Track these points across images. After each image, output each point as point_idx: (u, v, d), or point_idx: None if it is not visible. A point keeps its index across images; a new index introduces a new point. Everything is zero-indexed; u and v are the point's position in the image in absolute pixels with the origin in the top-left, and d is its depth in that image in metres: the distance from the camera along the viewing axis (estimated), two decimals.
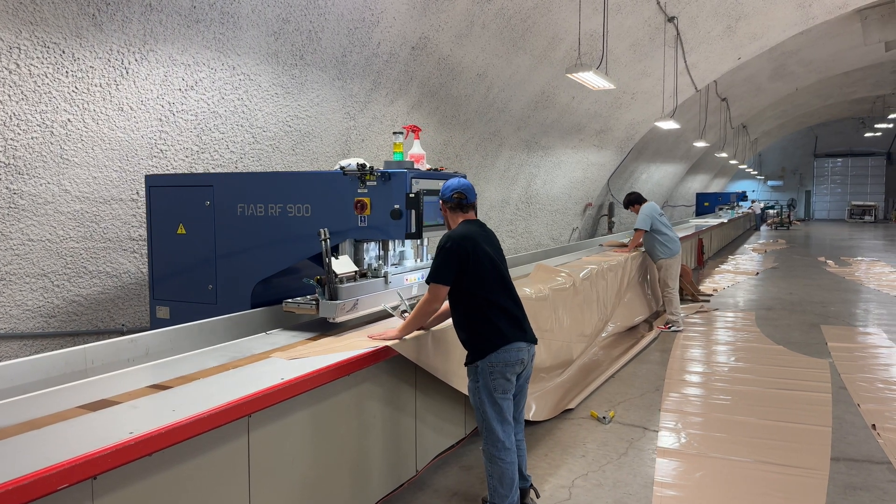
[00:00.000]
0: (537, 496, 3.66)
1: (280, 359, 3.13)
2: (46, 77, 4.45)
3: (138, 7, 4.60)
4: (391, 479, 3.63)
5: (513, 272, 3.81)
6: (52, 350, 3.16)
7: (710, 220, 18.21)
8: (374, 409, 3.46)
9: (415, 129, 4.42)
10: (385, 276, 4.01)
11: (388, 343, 3.37)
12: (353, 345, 3.36)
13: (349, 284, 3.67)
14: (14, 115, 4.41)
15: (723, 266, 14.88)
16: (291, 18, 5.52)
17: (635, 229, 8.42)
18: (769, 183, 42.10)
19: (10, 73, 4.29)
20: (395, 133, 4.33)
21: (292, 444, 2.88)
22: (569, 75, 6.95)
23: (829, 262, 15.81)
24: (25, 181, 4.64)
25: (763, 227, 30.05)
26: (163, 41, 4.87)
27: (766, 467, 4.18)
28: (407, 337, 3.49)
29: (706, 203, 23.74)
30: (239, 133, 5.81)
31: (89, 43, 4.54)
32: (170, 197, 4.47)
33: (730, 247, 19.66)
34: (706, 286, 11.56)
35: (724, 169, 33.36)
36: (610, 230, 16.99)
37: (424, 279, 3.60)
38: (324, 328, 3.83)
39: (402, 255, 4.41)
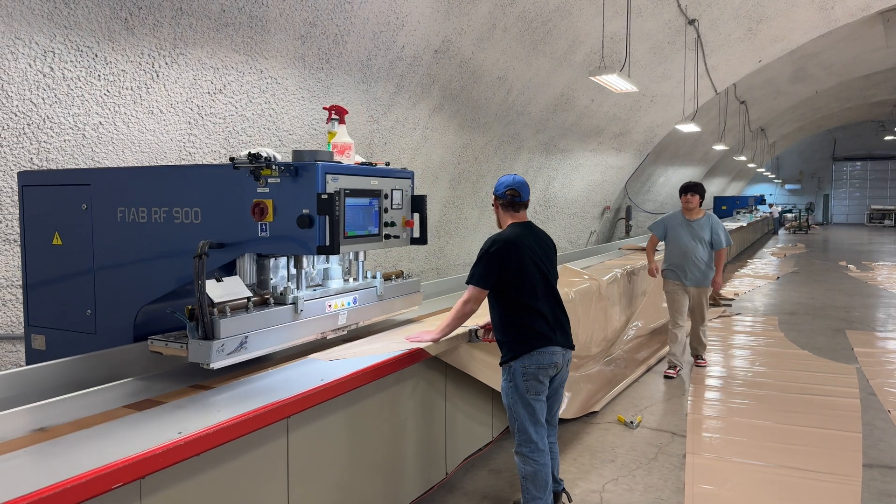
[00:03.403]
0: (570, 500, 3.65)
1: (318, 360, 3.14)
2: (79, 80, 4.50)
3: (169, 11, 4.65)
4: (422, 481, 3.63)
5: None
6: None
7: (729, 224, 18.08)
8: (405, 411, 3.46)
9: (339, 111, 3.42)
10: (295, 303, 3.03)
11: (423, 346, 3.37)
12: (387, 347, 3.36)
13: (235, 317, 2.73)
14: (47, 117, 4.47)
15: (742, 270, 14.76)
16: (318, 22, 5.55)
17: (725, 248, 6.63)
18: (787, 186, 41.74)
19: (45, 76, 4.34)
20: (332, 119, 3.43)
21: (329, 446, 2.89)
22: (592, 78, 6.94)
23: (851, 266, 15.64)
24: None
25: (781, 231, 29.78)
26: (192, 45, 4.92)
27: (798, 473, 4.14)
28: (442, 339, 3.48)
29: (724, 207, 23.60)
30: (266, 136, 5.84)
31: (121, 46, 4.59)
32: (44, 199, 3.51)
33: (749, 251, 19.50)
34: (726, 290, 11.47)
35: (742, 172, 33.13)
36: (627, 234, 16.91)
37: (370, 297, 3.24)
38: (205, 375, 2.85)
39: (325, 274, 3.48)
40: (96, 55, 4.47)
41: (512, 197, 3.45)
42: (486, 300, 3.43)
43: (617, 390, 5.74)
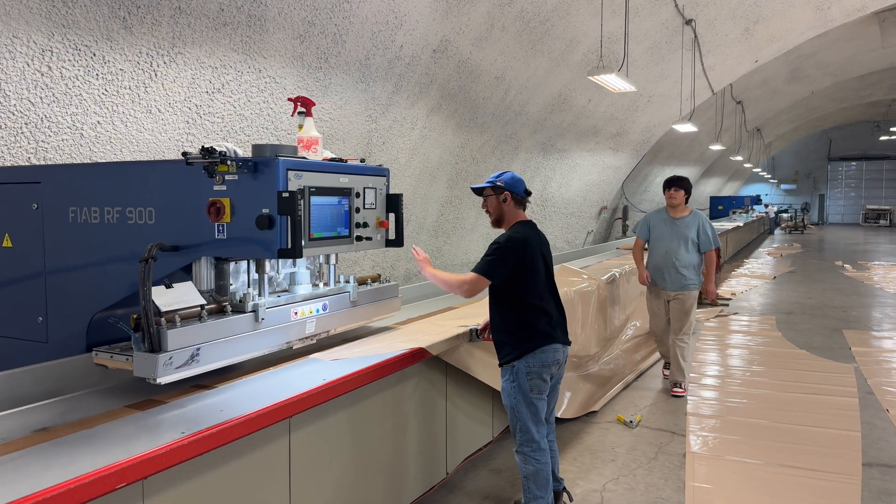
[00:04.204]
0: (570, 499, 3.64)
1: (320, 359, 3.13)
2: (77, 79, 4.48)
3: (167, 10, 4.63)
4: (423, 481, 3.62)
5: None
6: None
7: (725, 224, 18.11)
8: (406, 410, 3.45)
9: (306, 103, 3.20)
10: (255, 311, 2.81)
11: (423, 264, 3.48)
12: (389, 346, 3.36)
13: (186, 327, 2.52)
14: (45, 116, 4.44)
15: (739, 270, 14.79)
16: (317, 21, 5.54)
17: (713, 249, 5.85)
18: (782, 186, 41.84)
19: (42, 75, 4.32)
20: (298, 112, 3.19)
21: (330, 445, 2.88)
22: (590, 78, 6.94)
23: (847, 266, 15.68)
24: None
25: (777, 231, 29.86)
26: (191, 44, 4.90)
27: (797, 472, 4.14)
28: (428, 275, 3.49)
29: (720, 206, 23.66)
30: (264, 135, 5.83)
31: (119, 46, 4.57)
32: None
33: (745, 251, 19.55)
34: (723, 290, 11.49)
35: (738, 172, 33.21)
36: (624, 234, 16.93)
37: (327, 307, 3.03)
38: (150, 390, 2.61)
39: (292, 279, 3.25)
40: (94, 54, 4.45)
41: (527, 194, 3.46)
42: (486, 301, 3.42)
43: (616, 390, 5.74)
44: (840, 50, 15.27)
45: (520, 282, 3.29)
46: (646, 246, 6.12)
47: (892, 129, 31.50)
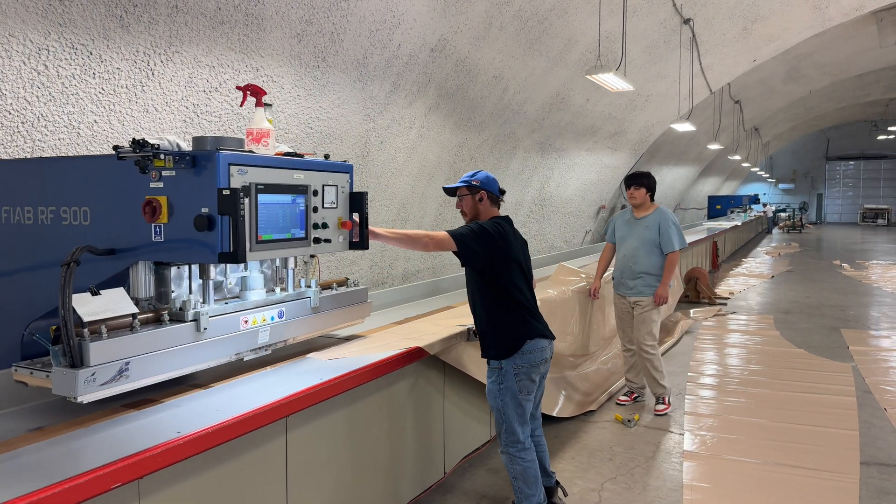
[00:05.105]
0: (565, 494, 3.64)
1: (317, 358, 3.12)
2: (74, 78, 4.47)
3: (164, 9, 4.62)
4: (420, 480, 3.62)
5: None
6: None
7: (723, 223, 18.13)
8: (403, 410, 3.45)
9: (256, 91, 2.96)
10: (196, 320, 2.55)
11: (375, 231, 3.15)
12: (386, 346, 3.35)
13: (114, 338, 2.26)
14: (42, 116, 4.43)
15: (737, 269, 14.80)
16: (314, 20, 5.53)
17: (677, 251, 5.27)
18: (780, 186, 41.87)
19: (39, 74, 4.31)
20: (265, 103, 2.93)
21: (327, 445, 2.87)
22: (588, 77, 6.94)
23: (845, 265, 15.69)
24: None
25: (775, 231, 29.89)
26: (188, 43, 4.89)
27: (795, 471, 4.14)
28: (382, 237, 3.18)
29: (718, 206, 23.64)
30: None
31: (116, 45, 4.55)
32: None
33: (742, 250, 19.57)
34: (721, 290, 11.49)
35: (736, 172, 33.22)
36: None
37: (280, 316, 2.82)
38: (77, 410, 2.38)
39: (243, 284, 2.95)
40: (91, 53, 4.44)
41: (501, 193, 3.52)
42: (477, 299, 3.42)
43: (614, 389, 5.74)
44: (838, 49, 15.29)
45: (497, 271, 3.29)
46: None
47: (889, 128, 31.51)
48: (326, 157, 3.06)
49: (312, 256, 5.30)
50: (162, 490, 2.08)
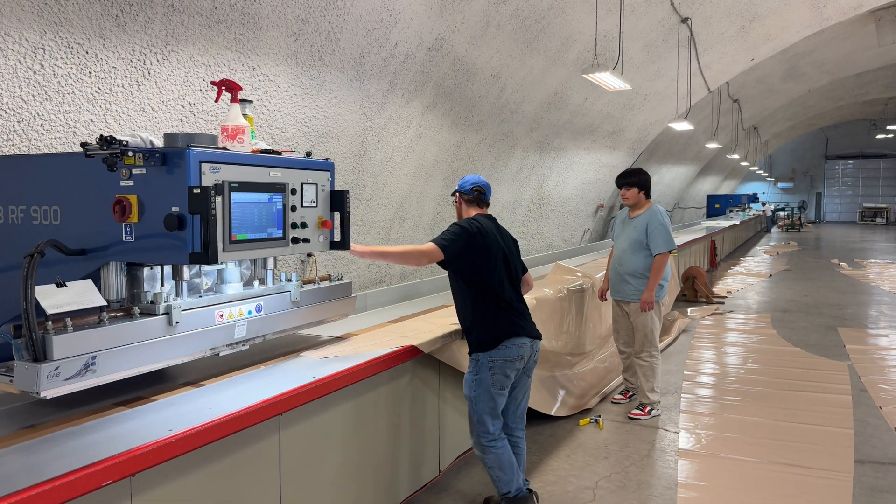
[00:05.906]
0: (537, 499, 3.65)
1: (310, 356, 3.13)
2: (70, 77, 4.47)
3: (161, 8, 4.62)
4: (415, 479, 3.63)
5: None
6: None
7: (722, 222, 18.14)
8: (398, 408, 3.45)
9: (231, 87, 2.92)
10: (168, 313, 2.45)
11: (360, 252, 3.28)
12: (381, 344, 3.36)
13: (80, 332, 2.16)
14: (38, 115, 4.44)
15: (735, 268, 14.81)
16: (311, 19, 5.54)
17: (666, 252, 5.06)
18: (779, 185, 41.88)
19: (35, 73, 4.31)
20: (242, 99, 2.88)
21: (321, 443, 2.88)
22: (585, 76, 6.94)
23: (843, 264, 15.71)
24: None
25: (774, 230, 29.91)
26: (184, 42, 4.89)
27: (789, 469, 4.15)
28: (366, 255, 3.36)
29: (717, 205, 23.65)
30: (258, 133, 5.82)
31: (112, 43, 4.56)
32: None
33: (741, 249, 19.58)
34: (719, 288, 11.51)
35: (735, 171, 33.22)
36: None
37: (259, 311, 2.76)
38: (60, 410, 2.35)
39: (219, 276, 2.87)
40: (87, 52, 4.45)
41: (479, 194, 3.60)
42: (459, 296, 3.45)
43: (610, 388, 5.75)
44: (836, 48, 15.30)
45: (476, 267, 3.35)
46: None
47: (888, 127, 31.52)
48: (308, 154, 3.00)
49: (309, 255, 5.31)
50: (154, 488, 2.09)
